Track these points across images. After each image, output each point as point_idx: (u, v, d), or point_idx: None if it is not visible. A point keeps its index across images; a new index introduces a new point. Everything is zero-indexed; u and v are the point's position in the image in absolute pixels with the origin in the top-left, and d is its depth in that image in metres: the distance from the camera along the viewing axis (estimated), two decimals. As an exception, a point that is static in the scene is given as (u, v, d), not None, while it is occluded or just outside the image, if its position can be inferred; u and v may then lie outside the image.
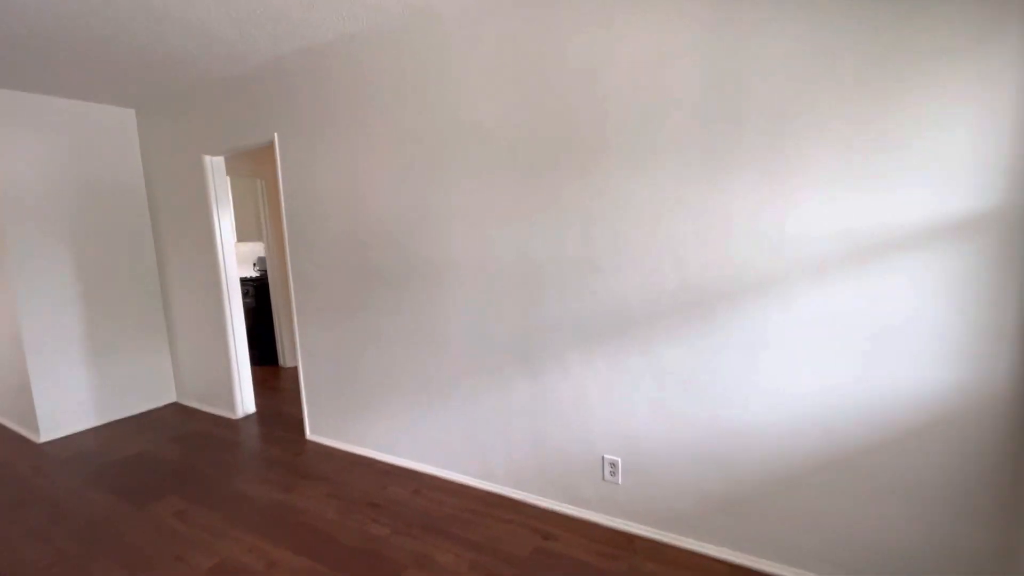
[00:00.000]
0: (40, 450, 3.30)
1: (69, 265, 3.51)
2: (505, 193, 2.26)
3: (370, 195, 2.70)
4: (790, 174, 1.67)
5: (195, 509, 2.48)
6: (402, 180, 2.56)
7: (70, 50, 2.65)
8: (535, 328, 2.26)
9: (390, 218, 2.66)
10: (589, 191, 2.05)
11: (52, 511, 2.52)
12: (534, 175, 2.18)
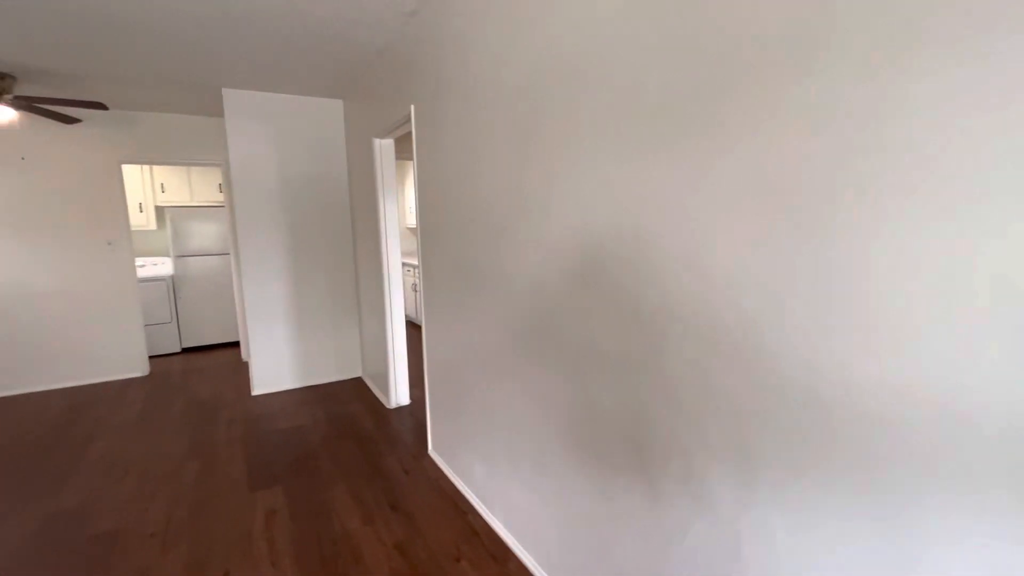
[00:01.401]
0: (249, 401, 3.86)
1: (282, 242, 3.96)
2: (622, 164, 1.30)
3: (478, 177, 2.05)
4: None
5: (280, 511, 2.36)
6: (510, 156, 1.82)
7: (296, 50, 2.80)
8: (649, 403, 1.26)
9: (487, 205, 1.96)
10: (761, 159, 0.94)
11: (209, 456, 2.79)
12: (670, 141, 1.16)
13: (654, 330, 1.24)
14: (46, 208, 4.10)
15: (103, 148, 4.23)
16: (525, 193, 1.72)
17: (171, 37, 2.63)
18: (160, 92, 3.71)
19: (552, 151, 1.57)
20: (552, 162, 1.57)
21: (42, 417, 3.62)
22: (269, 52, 2.89)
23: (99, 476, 2.74)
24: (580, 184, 1.46)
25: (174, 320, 5.44)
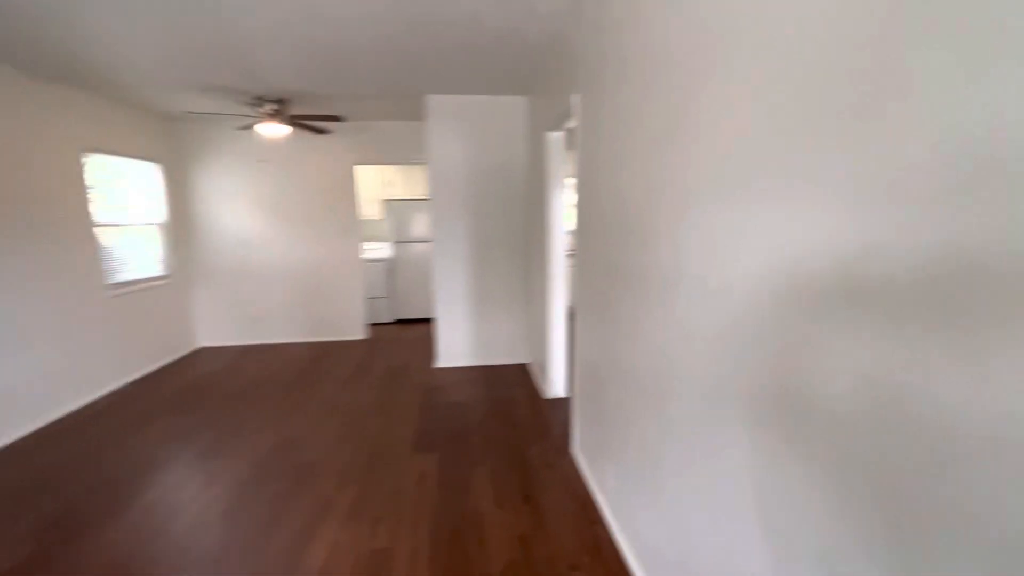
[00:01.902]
0: (431, 372, 4.36)
1: (466, 231, 4.34)
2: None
3: (626, 165, 1.88)
4: None
5: (430, 477, 2.60)
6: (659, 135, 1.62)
7: (479, 53, 3.07)
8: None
9: (631, 197, 1.77)
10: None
11: (390, 414, 3.26)
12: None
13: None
14: (302, 200, 5.28)
15: (341, 153, 5.23)
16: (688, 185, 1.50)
17: (388, 56, 3.08)
18: (382, 103, 4.39)
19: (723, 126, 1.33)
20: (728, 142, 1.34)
21: (292, 363, 4.72)
22: (459, 58, 3.15)
23: (314, 417, 3.44)
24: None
25: (389, 295, 6.48)
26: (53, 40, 2.76)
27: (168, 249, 4.89)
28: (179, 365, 4.70)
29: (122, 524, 2.25)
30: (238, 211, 5.21)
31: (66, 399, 3.55)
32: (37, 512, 2.34)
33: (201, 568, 1.96)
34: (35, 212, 3.35)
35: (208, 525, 2.23)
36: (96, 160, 3.98)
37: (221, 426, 3.29)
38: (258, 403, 3.69)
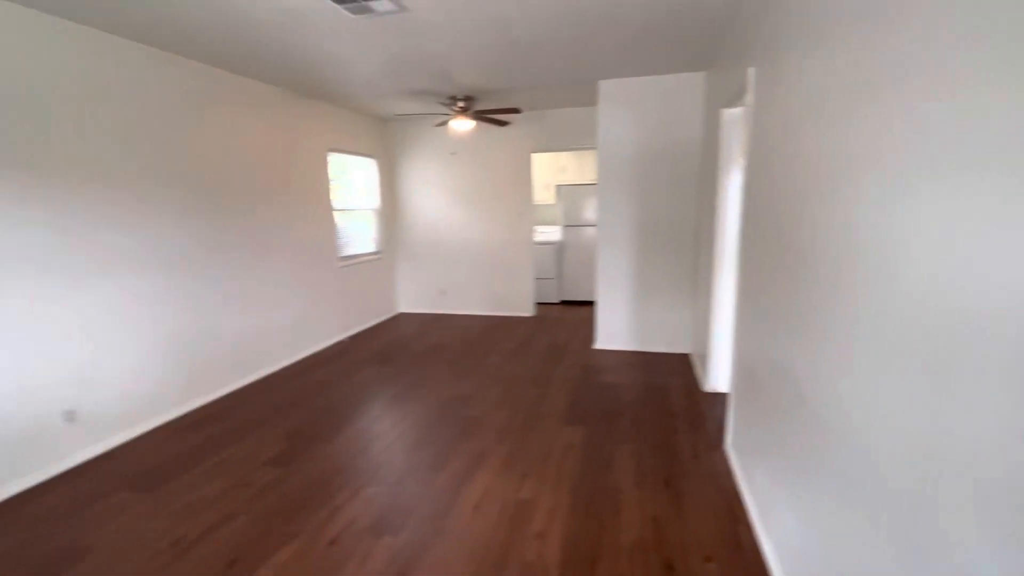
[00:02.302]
0: (589, 353, 4.50)
1: (631, 215, 4.32)
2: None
3: (810, 140, 1.72)
4: None
5: (575, 448, 2.75)
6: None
7: (653, 31, 3.08)
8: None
9: (812, 175, 1.62)
10: None
11: (547, 387, 3.51)
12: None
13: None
14: (483, 187, 5.84)
15: (519, 142, 5.61)
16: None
17: (565, 47, 3.25)
18: (557, 92, 4.60)
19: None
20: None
21: (468, 332, 5.33)
22: (634, 38, 3.14)
23: (482, 380, 3.88)
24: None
25: (557, 277, 6.78)
26: (309, 69, 3.59)
27: (380, 230, 5.93)
28: (383, 326, 5.71)
29: (340, 440, 2.93)
30: (432, 198, 6.03)
31: (306, 345, 4.65)
32: (289, 422, 3.19)
33: (387, 483, 2.46)
34: (296, 197, 4.42)
35: (395, 453, 2.76)
36: (335, 158, 5.04)
37: (411, 378, 3.95)
38: (439, 363, 4.31)
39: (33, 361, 2.50)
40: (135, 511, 2.27)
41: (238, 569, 1.90)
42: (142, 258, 3.05)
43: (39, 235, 2.51)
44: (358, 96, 4.59)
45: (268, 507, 2.29)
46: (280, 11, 2.56)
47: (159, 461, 2.72)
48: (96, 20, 2.63)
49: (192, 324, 3.41)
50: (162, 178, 3.16)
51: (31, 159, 2.47)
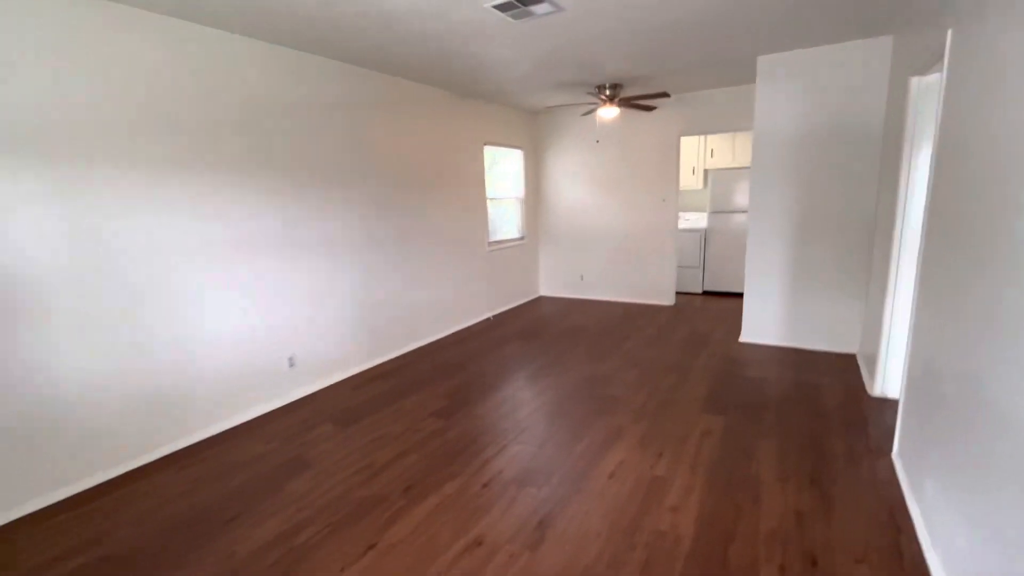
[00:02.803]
0: (733, 345, 4.31)
1: (790, 200, 4.00)
2: None
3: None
4: None
5: (714, 435, 2.73)
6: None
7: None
8: None
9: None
10: None
11: (685, 375, 3.50)
12: None
13: None
14: (626, 173, 5.83)
15: (666, 126, 5.48)
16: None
17: (718, 25, 3.17)
18: (707, 73, 4.42)
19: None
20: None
21: (606, 317, 5.44)
22: (796, 7, 2.94)
23: (619, 363, 3.99)
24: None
25: (700, 266, 6.50)
26: (471, 71, 3.99)
27: (524, 218, 6.30)
28: (526, 307, 6.09)
29: (490, 402, 3.30)
30: (575, 185, 6.20)
31: (460, 320, 5.20)
32: (448, 383, 3.67)
33: (530, 444, 2.74)
34: (456, 189, 4.94)
35: (537, 420, 3.04)
36: (488, 151, 5.49)
37: (551, 355, 4.22)
38: (578, 344, 4.51)
39: (269, 317, 3.28)
40: (337, 439, 2.88)
41: (413, 493, 2.33)
42: (344, 241, 3.74)
43: (274, 222, 3.27)
44: (511, 92, 4.92)
45: (434, 450, 2.72)
46: (451, 24, 2.92)
47: (352, 404, 3.37)
48: (319, 49, 3.29)
49: (378, 295, 4.09)
50: (357, 175, 3.83)
51: (270, 163, 3.22)
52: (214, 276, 2.94)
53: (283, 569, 1.88)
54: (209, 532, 2.11)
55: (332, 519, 2.16)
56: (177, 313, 2.78)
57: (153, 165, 2.62)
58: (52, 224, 2.29)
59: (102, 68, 2.41)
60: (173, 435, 2.81)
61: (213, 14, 2.64)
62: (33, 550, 2.03)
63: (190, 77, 2.75)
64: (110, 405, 2.54)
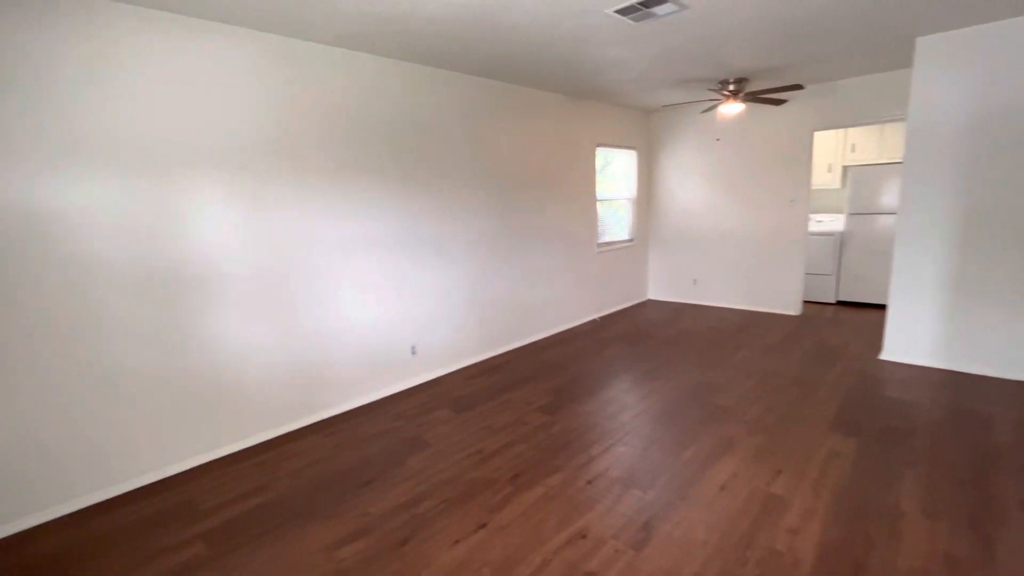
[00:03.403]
0: (872, 362, 3.86)
1: (952, 200, 3.48)
2: None
3: None
4: None
5: (843, 458, 2.49)
6: None
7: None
8: None
9: None
10: None
11: (809, 389, 3.23)
12: None
13: None
14: (749, 172, 5.46)
15: (798, 121, 5.04)
16: None
17: (869, 8, 2.88)
18: (849, 60, 3.99)
19: None
20: None
21: (720, 324, 5.16)
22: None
23: (733, 372, 3.78)
24: None
25: (834, 273, 5.87)
26: (586, 74, 4.04)
27: (634, 219, 6.19)
28: (632, 310, 5.98)
29: (594, 402, 3.34)
30: (690, 185, 5.95)
31: (565, 320, 5.27)
32: (553, 380, 3.77)
33: (636, 446, 2.73)
34: (567, 190, 5.03)
35: (643, 423, 3.01)
36: (600, 152, 5.49)
37: (657, 360, 4.13)
38: (687, 350, 4.35)
39: (395, 308, 3.63)
40: (452, 424, 3.12)
41: (520, 481, 2.45)
42: (461, 240, 4.02)
43: (400, 222, 3.61)
44: (626, 92, 4.88)
45: (540, 442, 2.83)
46: (567, 31, 3.00)
47: (465, 392, 3.61)
48: (444, 63, 3.58)
49: (490, 293, 4.32)
50: (475, 177, 4.08)
51: (399, 169, 3.56)
52: (351, 269, 3.34)
53: (406, 533, 2.10)
54: (348, 492, 2.43)
55: (447, 495, 2.36)
56: (321, 301, 3.20)
57: (308, 174, 3.06)
58: (230, 223, 2.78)
59: (272, 98, 2.87)
60: (318, 406, 3.25)
61: (368, 40, 3.00)
62: (211, 492, 2.49)
63: (341, 96, 3.16)
64: (271, 377, 3.01)
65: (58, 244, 2.25)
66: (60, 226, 2.24)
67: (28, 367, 2.22)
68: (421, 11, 2.60)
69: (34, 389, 2.24)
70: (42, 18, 2.13)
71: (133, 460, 2.55)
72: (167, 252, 2.56)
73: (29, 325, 2.20)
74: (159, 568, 1.97)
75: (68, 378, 2.32)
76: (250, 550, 2.05)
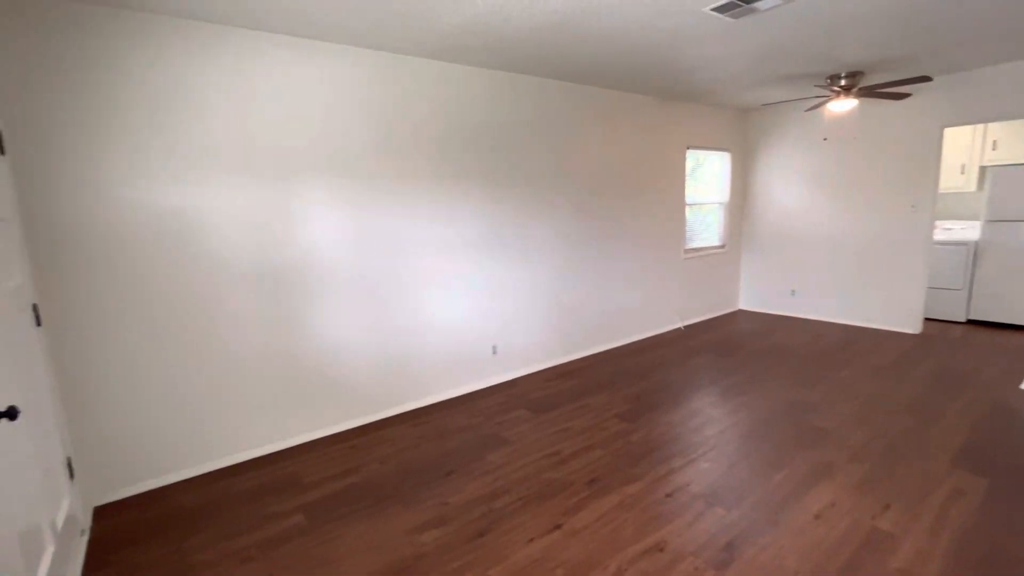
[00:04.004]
0: (1012, 392, 3.35)
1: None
2: None
3: None
4: None
5: (969, 497, 2.19)
6: None
7: None
8: None
9: None
10: None
11: (928, 418, 2.89)
12: None
13: None
14: (862, 174, 4.96)
15: (923, 116, 4.51)
16: None
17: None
18: (990, 45, 3.51)
19: None
20: None
21: (820, 339, 4.74)
22: None
23: (833, 392, 3.47)
24: None
25: (965, 288, 5.17)
26: (678, 74, 3.91)
27: (725, 224, 5.87)
28: (721, 320, 5.68)
29: (676, 413, 3.22)
30: (791, 189, 5.54)
31: (647, 327, 5.12)
32: (633, 388, 3.69)
33: (720, 462, 2.60)
34: (654, 193, 4.91)
35: (728, 439, 2.86)
36: (690, 154, 5.29)
37: (748, 373, 3.89)
38: (781, 365, 4.06)
39: (478, 307, 3.76)
40: (530, 424, 3.17)
41: (597, 486, 2.44)
42: (543, 244, 4.07)
43: (485, 225, 3.73)
44: (720, 92, 4.66)
45: (617, 449, 2.79)
46: (661, 32, 2.94)
47: (543, 395, 3.65)
48: (534, 70, 3.65)
49: (571, 297, 4.33)
50: (559, 181, 4.11)
51: (487, 173, 3.68)
52: (439, 269, 3.51)
53: (483, 526, 2.18)
54: (430, 480, 2.56)
55: (524, 493, 2.41)
56: (411, 298, 3.40)
57: (405, 178, 3.27)
58: (334, 224, 3.04)
59: (378, 109, 3.10)
60: (404, 398, 3.45)
61: (462, 52, 3.16)
62: (313, 469, 2.74)
63: (437, 105, 3.34)
64: (364, 367, 3.25)
65: (190, 243, 2.61)
66: (193, 226, 2.60)
67: (174, 344, 2.59)
68: (513, 22, 2.69)
69: (176, 364, 2.61)
70: (188, 48, 2.49)
71: (252, 433, 2.87)
72: (279, 250, 2.86)
73: (175, 311, 2.58)
74: (267, 531, 2.22)
75: (203, 357, 2.68)
76: (342, 525, 2.24)
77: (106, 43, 2.30)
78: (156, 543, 2.17)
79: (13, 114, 2.14)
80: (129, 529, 2.28)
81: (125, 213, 2.41)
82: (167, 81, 2.44)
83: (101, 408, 2.45)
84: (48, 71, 2.19)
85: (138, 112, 2.40)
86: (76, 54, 2.24)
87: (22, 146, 2.17)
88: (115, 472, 2.52)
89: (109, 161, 2.36)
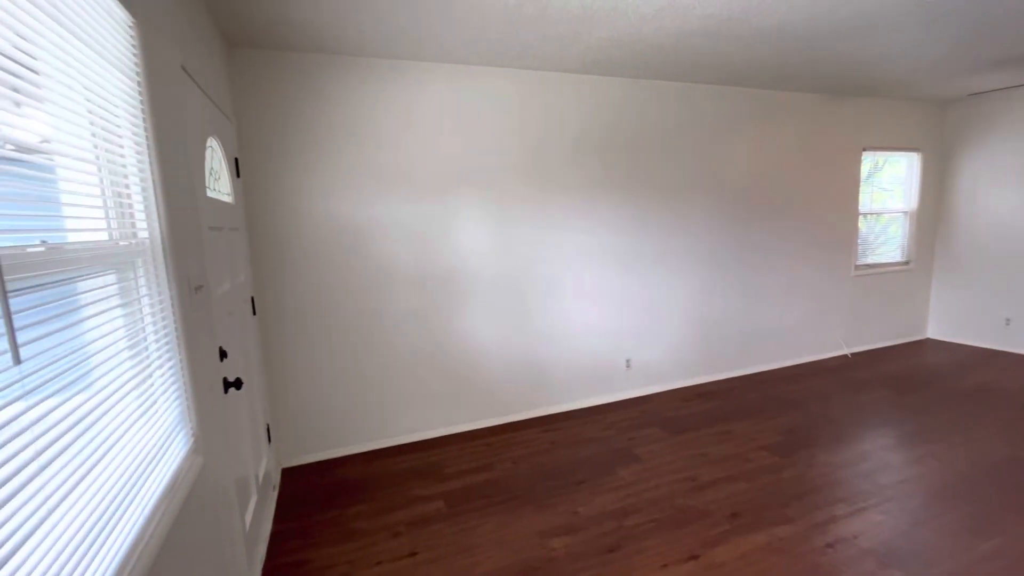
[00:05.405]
0: None
1: None
2: None
3: None
4: None
5: None
6: None
7: None
8: None
9: None
10: None
11: None
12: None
13: None
14: None
15: None
16: None
17: None
18: None
19: None
20: None
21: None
22: None
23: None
24: None
25: None
26: (856, 67, 3.44)
27: (912, 237, 4.98)
28: (901, 349, 4.83)
29: (840, 453, 2.82)
30: (1005, 196, 4.51)
31: (804, 352, 4.55)
32: (785, 419, 3.32)
33: (900, 518, 2.21)
34: (817, 201, 4.37)
35: (911, 492, 2.42)
36: (867, 156, 4.61)
37: (940, 417, 3.25)
38: (989, 411, 3.31)
39: (613, 319, 3.70)
40: (663, 444, 3.03)
41: (739, 522, 2.24)
42: (685, 256, 3.88)
43: (625, 237, 3.66)
44: (911, 83, 3.99)
45: (765, 485, 2.53)
46: (843, 21, 2.62)
47: (679, 414, 3.47)
48: (682, 77, 3.52)
49: (713, 313, 4.06)
50: (705, 191, 3.88)
51: (629, 184, 3.62)
52: (577, 279, 3.54)
53: (613, 542, 2.14)
54: (561, 487, 2.60)
55: (657, 516, 2.31)
56: (550, 306, 3.48)
57: (549, 190, 3.37)
58: (483, 234, 3.24)
59: (526, 125, 3.26)
60: (537, 403, 3.55)
61: (608, 65, 3.18)
62: (453, 460, 2.95)
63: (580, 117, 3.40)
64: (503, 369, 3.41)
65: (370, 249, 2.99)
66: (365, 235, 2.98)
67: (348, 337, 3.01)
68: (665, 29, 2.63)
69: (349, 355, 3.02)
70: (364, 81, 2.88)
71: (403, 422, 3.20)
72: (436, 257, 3.14)
73: (349, 309, 2.99)
74: (413, 512, 2.44)
75: (371, 350, 3.06)
76: (478, 517, 2.37)
77: (312, 83, 2.77)
78: (326, 506, 2.53)
79: (245, 145, 2.69)
80: (307, 491, 2.69)
81: (317, 225, 2.87)
82: (348, 112, 2.86)
83: (292, 386, 2.94)
84: (266, 109, 2.72)
85: (331, 142, 2.84)
86: (285, 94, 2.74)
87: (250, 169, 2.71)
88: (298, 441, 2.99)
89: (308, 183, 2.83)
